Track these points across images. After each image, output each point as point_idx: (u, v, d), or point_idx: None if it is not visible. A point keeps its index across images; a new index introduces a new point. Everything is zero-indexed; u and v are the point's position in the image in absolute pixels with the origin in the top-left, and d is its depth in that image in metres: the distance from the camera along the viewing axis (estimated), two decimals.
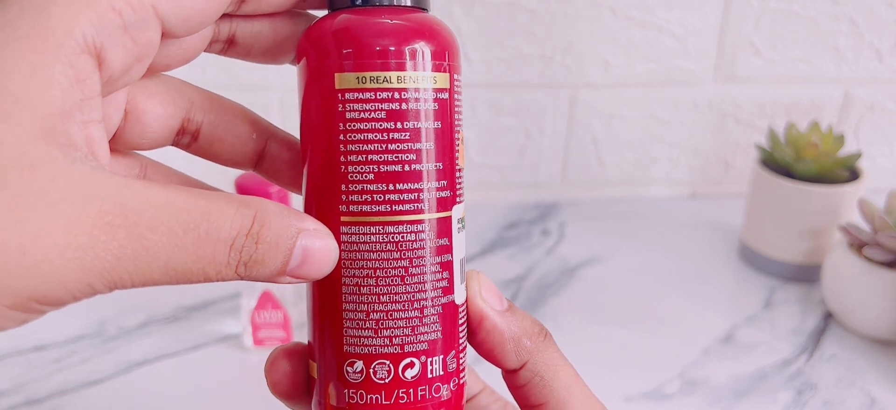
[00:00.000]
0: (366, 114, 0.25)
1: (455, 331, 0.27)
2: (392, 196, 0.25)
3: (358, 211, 0.25)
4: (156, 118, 0.25)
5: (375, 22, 0.25)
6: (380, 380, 0.26)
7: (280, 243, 0.22)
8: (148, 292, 0.58)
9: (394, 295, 0.26)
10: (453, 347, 0.27)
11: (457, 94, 0.26)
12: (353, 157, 0.25)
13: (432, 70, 0.25)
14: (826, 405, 0.49)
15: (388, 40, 0.25)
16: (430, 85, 0.25)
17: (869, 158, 0.79)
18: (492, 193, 0.76)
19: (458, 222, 0.26)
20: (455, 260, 0.26)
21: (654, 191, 0.79)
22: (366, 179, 0.25)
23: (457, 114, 0.26)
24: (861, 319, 0.54)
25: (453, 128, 0.26)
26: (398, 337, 0.26)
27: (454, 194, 0.26)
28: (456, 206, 0.26)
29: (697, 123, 0.76)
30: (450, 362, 0.26)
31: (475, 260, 0.65)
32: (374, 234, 0.25)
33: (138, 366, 0.50)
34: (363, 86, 0.25)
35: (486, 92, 0.71)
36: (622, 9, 0.69)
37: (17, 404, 0.47)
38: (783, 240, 0.62)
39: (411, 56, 0.25)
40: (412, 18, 0.26)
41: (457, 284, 0.26)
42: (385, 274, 0.25)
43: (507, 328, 0.27)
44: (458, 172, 0.26)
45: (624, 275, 0.63)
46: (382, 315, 0.26)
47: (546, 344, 0.27)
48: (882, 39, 0.74)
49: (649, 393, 0.49)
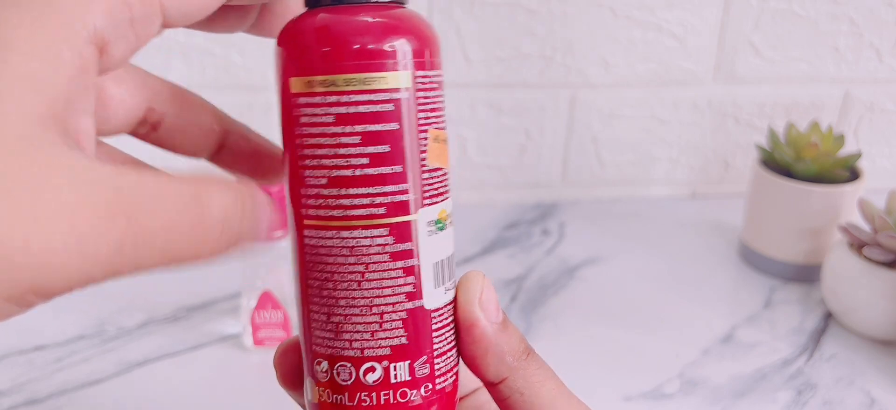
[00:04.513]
0: (316, 119, 0.24)
1: (426, 336, 0.26)
2: (344, 201, 0.25)
3: (315, 215, 0.25)
4: (122, 105, 0.25)
5: (325, 24, 0.24)
6: (343, 382, 0.26)
7: (261, 215, 0.22)
8: (148, 292, 0.58)
9: (351, 300, 0.25)
10: (423, 352, 0.26)
11: (425, 92, 0.25)
12: (307, 162, 0.25)
13: (385, 70, 0.24)
14: (826, 405, 0.49)
15: (334, 43, 0.24)
16: (381, 85, 0.24)
17: (869, 158, 0.79)
18: (492, 193, 0.76)
19: (428, 225, 0.25)
20: (423, 265, 0.25)
21: (654, 190, 0.79)
22: (320, 184, 0.25)
23: (425, 113, 0.25)
24: (861, 319, 0.54)
25: (416, 129, 0.25)
26: (357, 341, 0.25)
27: (420, 197, 0.25)
28: (424, 209, 0.25)
29: (697, 123, 0.76)
30: (419, 368, 0.26)
31: (475, 260, 0.65)
32: (330, 239, 0.25)
33: (138, 366, 0.50)
34: (312, 91, 0.24)
35: (486, 92, 0.71)
36: (622, 9, 0.69)
37: (17, 404, 0.47)
38: (783, 240, 0.62)
39: (358, 57, 0.24)
40: (366, 16, 0.24)
41: (428, 289, 0.26)
42: (342, 278, 0.25)
43: (494, 342, 0.26)
44: (429, 173, 0.25)
45: (624, 275, 0.63)
46: (341, 318, 0.25)
47: (527, 363, 0.27)
48: (882, 39, 0.74)
49: (649, 393, 0.49)
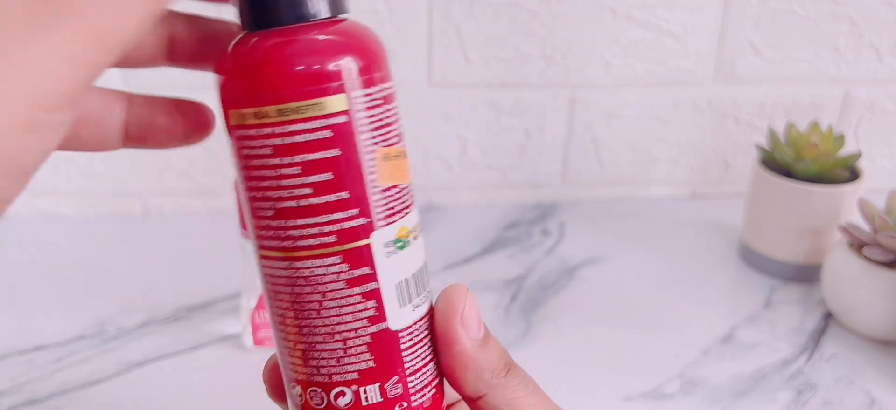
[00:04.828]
0: (255, 151, 0.24)
1: (395, 357, 0.25)
2: (293, 232, 0.24)
3: (268, 246, 0.25)
4: None
5: (254, 52, 0.23)
6: (316, 406, 0.26)
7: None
8: (148, 292, 0.58)
9: (313, 328, 0.25)
10: (394, 373, 0.25)
11: (369, 110, 0.24)
12: (254, 193, 0.24)
13: (319, 95, 0.23)
14: (826, 405, 0.49)
15: (264, 73, 0.23)
16: (316, 112, 0.23)
17: (869, 158, 0.79)
18: (492, 193, 0.76)
19: (385, 246, 0.24)
20: (384, 287, 0.25)
21: (654, 191, 0.79)
22: (267, 216, 0.24)
23: (370, 133, 0.24)
24: (861, 319, 0.54)
25: (358, 151, 0.24)
26: (325, 367, 0.25)
27: (371, 220, 0.24)
28: (379, 231, 0.24)
29: (697, 123, 0.76)
30: (390, 388, 0.25)
31: (475, 260, 0.65)
32: (284, 269, 0.24)
33: (138, 366, 0.50)
34: (247, 123, 0.24)
35: (486, 92, 0.71)
36: (622, 9, 0.69)
37: (17, 404, 0.47)
38: (783, 240, 0.62)
39: (290, 85, 0.23)
40: (298, 39, 0.23)
41: (392, 310, 0.25)
42: (301, 307, 0.25)
43: (475, 359, 0.26)
44: (381, 193, 0.24)
45: (624, 275, 0.63)
46: (306, 346, 0.25)
47: (507, 381, 0.26)
48: (882, 39, 0.74)
49: (649, 393, 0.49)
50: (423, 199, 0.75)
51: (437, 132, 0.72)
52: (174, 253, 0.65)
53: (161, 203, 0.72)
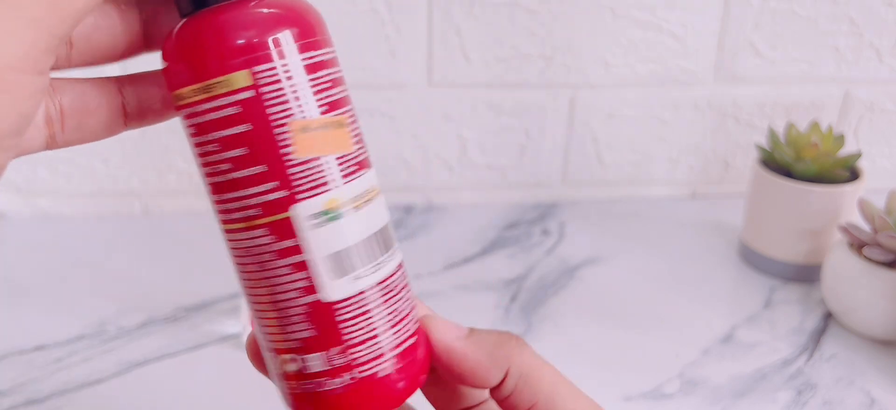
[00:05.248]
0: (188, 131, 0.25)
1: (334, 327, 0.25)
2: (224, 205, 0.25)
3: (219, 220, 0.26)
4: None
5: (173, 37, 0.24)
6: (275, 372, 0.27)
7: None
8: (148, 292, 0.58)
9: (259, 297, 0.26)
10: (336, 343, 0.25)
11: (277, 83, 0.24)
12: (199, 171, 0.26)
13: (221, 73, 0.23)
14: (826, 405, 0.49)
15: (178, 56, 0.24)
16: (222, 90, 0.24)
17: (869, 158, 0.79)
18: (492, 193, 0.76)
19: (312, 218, 0.24)
20: (315, 259, 0.25)
21: (654, 190, 0.79)
22: (209, 191, 0.25)
23: (280, 105, 0.24)
24: (861, 319, 0.54)
25: (270, 125, 0.24)
26: (272, 335, 0.26)
27: (292, 193, 0.24)
28: (301, 204, 0.24)
29: (697, 123, 0.76)
30: (335, 357, 0.25)
31: (475, 259, 0.65)
32: (231, 241, 0.26)
33: (138, 366, 0.50)
34: (179, 105, 0.25)
35: (486, 92, 0.71)
36: (622, 9, 0.69)
37: (17, 404, 0.47)
38: (783, 240, 0.62)
39: (198, 66, 0.24)
40: (208, 21, 0.24)
41: (326, 282, 0.25)
42: (248, 277, 0.26)
43: (477, 347, 0.26)
44: (299, 166, 0.24)
45: (624, 275, 0.63)
46: (258, 314, 0.26)
47: (522, 347, 0.27)
48: (882, 39, 0.74)
49: (649, 393, 0.49)
50: (422, 199, 0.75)
51: (437, 132, 0.72)
52: (174, 253, 0.65)
53: (161, 203, 0.72)
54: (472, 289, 0.60)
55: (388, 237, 0.26)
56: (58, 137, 0.26)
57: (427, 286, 0.60)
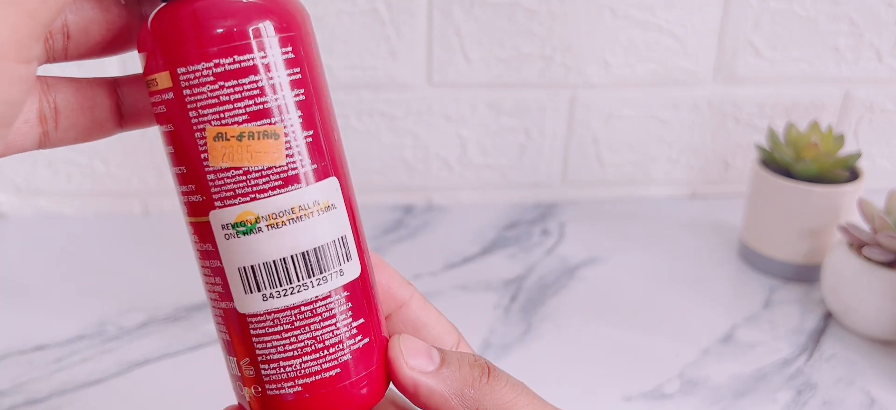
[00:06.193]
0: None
1: (245, 339, 0.25)
2: (180, 196, 0.25)
3: None
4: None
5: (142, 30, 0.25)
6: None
7: None
8: (148, 292, 0.58)
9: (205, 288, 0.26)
10: (246, 354, 0.25)
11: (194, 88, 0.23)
12: None
13: (152, 72, 0.24)
14: (826, 405, 0.49)
15: (138, 46, 0.25)
16: (154, 87, 0.24)
17: (868, 158, 0.79)
18: (492, 193, 0.76)
19: (224, 228, 0.24)
20: (227, 269, 0.24)
21: (654, 190, 0.79)
22: None
23: (199, 110, 0.23)
24: (861, 319, 0.54)
25: (190, 128, 0.23)
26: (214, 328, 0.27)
27: (208, 199, 0.23)
28: (216, 212, 0.24)
29: (697, 123, 0.76)
30: (245, 368, 0.25)
31: (475, 260, 0.65)
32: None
33: (138, 366, 0.51)
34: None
35: (486, 92, 0.71)
36: (622, 9, 0.69)
37: (17, 404, 0.47)
38: (783, 240, 0.62)
39: (147, 61, 0.24)
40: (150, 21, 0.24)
41: (237, 293, 0.24)
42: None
43: (445, 386, 0.25)
44: (217, 173, 0.23)
45: (624, 275, 0.63)
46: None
47: (491, 386, 0.26)
48: (882, 39, 0.74)
49: (649, 393, 0.49)
50: (422, 199, 0.75)
51: (437, 132, 0.72)
52: (174, 253, 0.65)
53: (161, 203, 0.72)
54: (472, 289, 0.60)
55: (322, 260, 0.24)
56: (51, 135, 0.25)
57: (427, 286, 0.60)
